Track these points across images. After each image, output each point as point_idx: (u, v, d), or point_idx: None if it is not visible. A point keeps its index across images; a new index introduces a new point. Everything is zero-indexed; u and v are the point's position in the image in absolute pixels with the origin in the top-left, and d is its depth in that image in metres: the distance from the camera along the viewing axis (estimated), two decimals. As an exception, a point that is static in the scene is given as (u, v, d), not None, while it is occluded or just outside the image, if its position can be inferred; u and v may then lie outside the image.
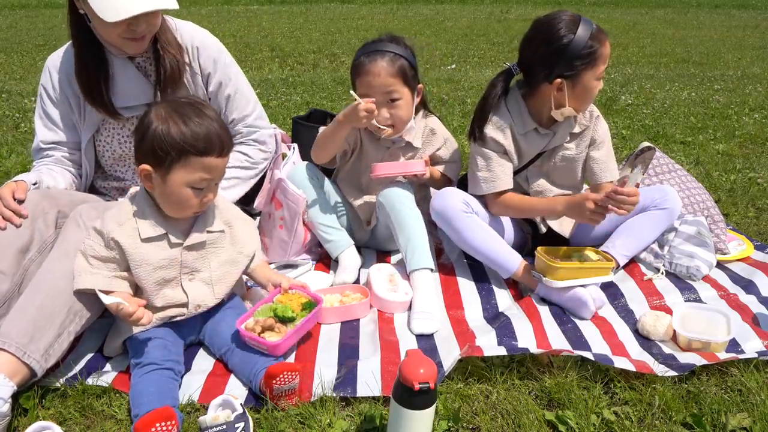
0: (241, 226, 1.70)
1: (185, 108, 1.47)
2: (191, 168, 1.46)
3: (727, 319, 1.78)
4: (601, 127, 2.12)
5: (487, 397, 1.52)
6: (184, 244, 1.56)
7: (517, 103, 2.05)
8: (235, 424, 1.31)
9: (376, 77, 1.97)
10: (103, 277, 1.50)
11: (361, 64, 2.00)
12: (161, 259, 1.54)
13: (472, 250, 2.05)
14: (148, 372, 1.45)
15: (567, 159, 2.11)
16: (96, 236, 1.52)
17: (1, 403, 1.32)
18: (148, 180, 1.49)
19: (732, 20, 13.05)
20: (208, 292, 1.62)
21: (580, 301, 1.86)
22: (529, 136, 2.05)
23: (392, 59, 1.98)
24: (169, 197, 1.50)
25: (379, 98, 1.99)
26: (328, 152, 2.11)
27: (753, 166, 3.45)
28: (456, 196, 2.03)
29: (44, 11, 12.39)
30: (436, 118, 2.23)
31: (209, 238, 1.61)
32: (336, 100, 5.02)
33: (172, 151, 1.43)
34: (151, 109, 1.48)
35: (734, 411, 1.46)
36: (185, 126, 1.44)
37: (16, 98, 4.82)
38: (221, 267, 1.64)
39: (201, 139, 1.44)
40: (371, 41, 2.07)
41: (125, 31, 1.70)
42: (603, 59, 1.92)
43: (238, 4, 14.57)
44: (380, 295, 1.91)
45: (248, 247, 1.70)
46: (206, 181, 1.49)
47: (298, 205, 2.08)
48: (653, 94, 5.55)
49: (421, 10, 14.00)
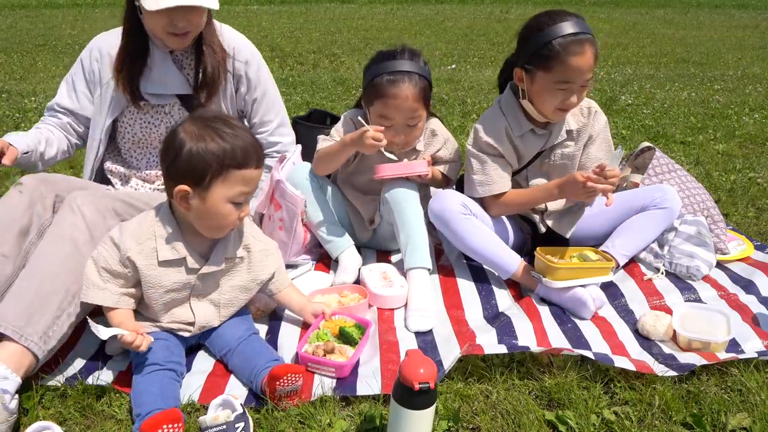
0: (260, 252, 1.66)
1: (216, 122, 1.43)
2: (231, 182, 1.42)
3: (727, 319, 1.78)
4: (598, 122, 2.09)
5: (487, 397, 1.52)
6: (201, 271, 1.54)
7: (512, 104, 2.04)
8: (235, 424, 1.31)
9: (403, 102, 1.95)
10: (112, 294, 1.48)
11: (385, 86, 1.94)
12: (174, 282, 1.52)
13: (471, 252, 2.05)
14: (150, 372, 1.45)
15: (566, 156, 2.10)
16: (112, 248, 1.48)
17: (8, 399, 1.31)
18: (185, 201, 1.44)
19: (732, 20, 13.05)
20: (214, 314, 1.61)
21: (579, 301, 1.86)
22: (526, 137, 2.05)
23: (417, 82, 1.96)
24: (209, 216, 1.46)
25: (400, 121, 1.99)
26: (330, 168, 2.15)
27: (753, 166, 3.45)
28: (454, 198, 2.03)
29: (44, 11, 12.38)
30: (436, 119, 2.23)
31: (227, 265, 1.58)
32: (336, 100, 5.02)
33: (212, 167, 1.39)
34: (179, 129, 1.42)
35: (734, 411, 1.46)
36: (222, 140, 1.40)
37: (16, 98, 4.82)
38: (232, 291, 1.62)
39: (239, 152, 1.41)
40: (388, 56, 2.00)
41: (168, 24, 1.78)
42: (563, 70, 1.82)
43: (238, 4, 14.56)
44: (375, 292, 1.92)
45: (263, 274, 1.67)
46: (245, 195, 1.47)
47: (296, 206, 2.08)
48: (653, 94, 5.55)
49: (421, 10, 14.00)
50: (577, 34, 1.81)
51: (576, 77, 1.84)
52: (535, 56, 1.86)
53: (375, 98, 1.99)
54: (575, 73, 1.83)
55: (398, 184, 2.05)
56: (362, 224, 2.26)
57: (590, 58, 1.83)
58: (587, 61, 1.83)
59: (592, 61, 1.84)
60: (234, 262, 1.60)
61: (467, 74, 6.45)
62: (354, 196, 2.24)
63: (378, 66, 1.99)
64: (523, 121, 2.03)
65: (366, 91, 2.04)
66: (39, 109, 4.43)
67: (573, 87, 1.86)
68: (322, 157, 2.11)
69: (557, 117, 1.97)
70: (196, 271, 1.53)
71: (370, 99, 2.01)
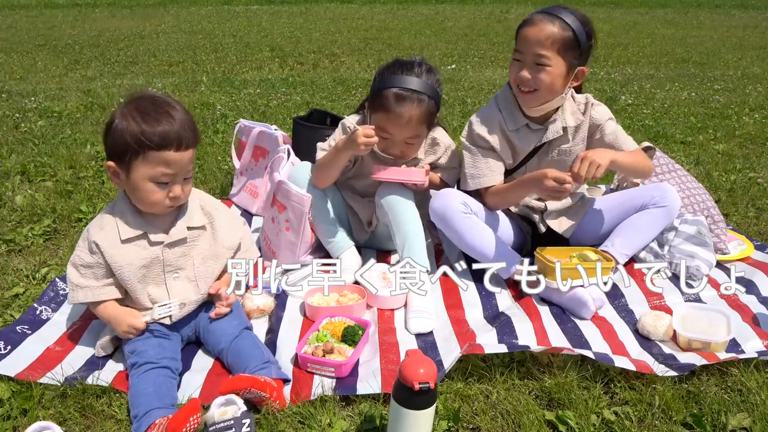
0: (223, 219, 1.71)
1: (146, 105, 1.49)
2: (151, 163, 1.48)
3: (727, 319, 1.78)
4: (598, 112, 2.06)
5: (487, 397, 1.52)
6: (165, 242, 1.58)
7: (508, 99, 2.05)
8: (242, 419, 1.31)
9: (406, 122, 1.95)
10: (93, 289, 1.55)
11: (391, 100, 1.93)
12: (142, 258, 1.56)
13: (471, 251, 2.05)
14: (145, 372, 1.46)
15: (563, 152, 2.08)
16: (82, 241, 1.57)
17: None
18: (116, 177, 1.53)
19: (732, 20, 13.05)
20: (192, 289, 1.63)
21: (580, 301, 1.86)
22: (521, 132, 2.04)
23: (424, 104, 1.95)
24: (135, 193, 1.54)
25: (398, 138, 2.00)
26: (329, 177, 2.12)
27: (753, 166, 3.45)
28: (455, 196, 2.02)
29: (44, 11, 12.37)
30: (440, 128, 2.21)
31: (190, 234, 1.62)
32: (336, 100, 5.01)
33: (131, 147, 1.46)
34: (116, 108, 1.52)
35: (734, 411, 1.46)
36: (143, 122, 1.46)
37: (16, 98, 4.82)
38: (204, 263, 1.65)
39: (158, 134, 1.46)
40: (403, 68, 1.97)
41: None
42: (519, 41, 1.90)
43: (238, 4, 14.56)
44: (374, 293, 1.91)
45: (230, 239, 1.71)
46: (168, 176, 1.50)
47: (304, 205, 2.07)
48: (653, 94, 5.55)
49: (421, 10, 13.99)
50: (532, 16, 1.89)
51: (526, 51, 1.89)
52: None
53: (379, 109, 1.98)
54: (526, 45, 1.88)
55: (392, 189, 2.05)
56: (360, 226, 2.26)
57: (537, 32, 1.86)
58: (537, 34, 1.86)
59: (539, 35, 1.85)
60: (197, 231, 1.64)
61: (467, 74, 6.45)
62: (352, 198, 2.24)
63: (390, 77, 1.97)
64: (519, 116, 2.03)
65: (372, 97, 2.03)
66: (39, 109, 4.43)
67: (520, 66, 1.91)
68: (320, 167, 2.11)
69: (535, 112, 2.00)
70: (161, 244, 1.57)
71: (374, 107, 2.01)
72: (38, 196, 2.74)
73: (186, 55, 7.24)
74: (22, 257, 2.22)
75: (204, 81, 5.72)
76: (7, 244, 2.28)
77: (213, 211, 1.69)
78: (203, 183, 3.00)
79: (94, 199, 2.73)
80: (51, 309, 1.85)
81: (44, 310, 1.84)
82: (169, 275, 1.60)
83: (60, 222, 2.49)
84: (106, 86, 5.36)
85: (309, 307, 1.87)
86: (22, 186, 2.90)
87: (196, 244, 1.64)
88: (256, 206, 2.66)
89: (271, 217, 2.19)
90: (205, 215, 1.67)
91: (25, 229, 2.38)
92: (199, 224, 1.64)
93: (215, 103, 4.77)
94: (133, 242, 1.56)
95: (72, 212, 2.57)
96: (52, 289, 1.94)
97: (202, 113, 4.45)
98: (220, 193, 2.89)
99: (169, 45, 8.04)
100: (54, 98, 4.83)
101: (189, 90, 5.30)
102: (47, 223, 2.44)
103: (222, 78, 5.94)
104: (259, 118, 4.27)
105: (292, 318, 1.87)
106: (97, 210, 2.58)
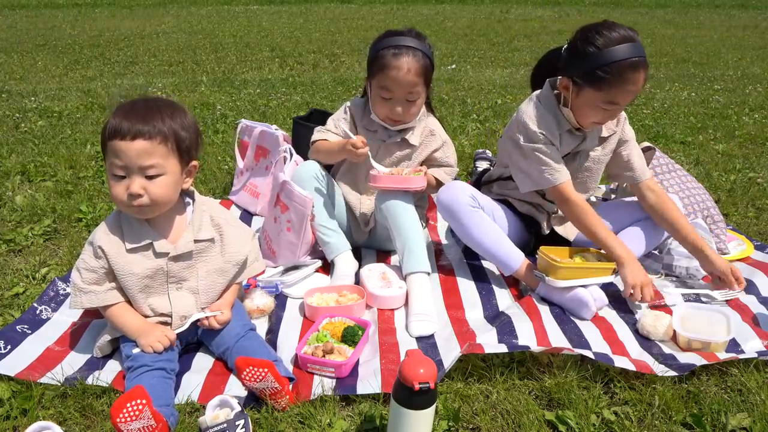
0: (233, 233, 1.65)
1: (132, 103, 1.48)
2: (108, 155, 1.45)
3: (727, 319, 1.78)
4: (628, 128, 2.11)
5: (487, 397, 1.52)
6: (170, 255, 1.54)
7: (551, 104, 1.99)
8: (236, 421, 1.31)
9: (404, 74, 1.96)
10: (97, 294, 1.53)
11: (388, 57, 1.97)
12: (146, 268, 1.53)
13: (476, 245, 2.04)
14: (140, 374, 1.45)
15: (593, 160, 2.08)
16: (88, 246, 1.55)
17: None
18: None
19: (732, 20, 13.05)
20: (192, 303, 1.60)
21: (581, 301, 1.86)
22: (563, 136, 2.01)
23: (419, 58, 1.98)
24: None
25: (399, 95, 2.00)
26: (325, 161, 2.19)
27: (753, 166, 3.45)
28: (464, 189, 2.02)
29: (44, 11, 12.38)
30: (435, 119, 2.22)
31: (197, 247, 1.58)
32: (336, 100, 5.01)
33: (102, 141, 1.46)
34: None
35: (734, 411, 1.46)
36: (113, 116, 1.43)
37: (16, 98, 4.82)
38: (208, 276, 1.61)
39: (112, 124, 1.42)
40: (395, 33, 2.02)
41: None
42: (614, 93, 1.81)
43: (238, 4, 14.56)
44: (374, 293, 1.91)
45: (237, 255, 1.65)
46: (120, 169, 1.43)
47: (306, 207, 2.07)
48: (653, 94, 5.55)
49: (421, 10, 14.00)
50: (635, 60, 1.77)
51: (625, 100, 1.85)
52: (589, 74, 1.82)
53: (377, 70, 2.00)
54: (626, 96, 1.83)
55: (392, 193, 2.04)
56: (358, 226, 2.26)
57: (641, 83, 1.82)
58: (638, 87, 1.82)
59: (641, 86, 1.83)
60: (205, 244, 1.60)
61: (467, 74, 6.45)
62: (350, 196, 2.24)
63: (383, 40, 2.03)
64: (562, 121, 1.99)
65: (370, 65, 2.06)
66: (39, 109, 4.44)
67: (619, 108, 1.88)
68: (319, 148, 2.15)
69: (591, 127, 1.99)
70: (166, 256, 1.54)
71: (373, 72, 2.03)
72: (38, 196, 2.74)
73: (186, 55, 7.24)
74: (22, 257, 2.22)
75: (204, 81, 5.72)
76: (7, 244, 2.29)
77: (223, 224, 1.64)
78: (203, 183, 3.00)
79: (94, 199, 2.73)
80: (51, 309, 1.85)
81: (44, 309, 1.84)
82: (172, 286, 1.58)
83: (60, 222, 2.50)
84: (106, 86, 5.36)
85: (309, 308, 1.87)
86: (22, 186, 2.90)
87: (202, 257, 1.60)
88: (256, 206, 2.66)
89: (274, 216, 2.19)
90: (214, 227, 1.62)
91: (25, 229, 2.38)
92: (207, 237, 1.59)
93: (215, 103, 4.77)
94: (138, 252, 1.52)
95: (72, 212, 2.57)
96: (52, 289, 1.94)
97: (202, 113, 4.45)
98: (220, 193, 2.89)
99: (169, 45, 8.05)
100: (54, 98, 4.83)
101: (189, 90, 5.31)
102: (47, 223, 2.45)
103: (222, 78, 5.94)
104: (259, 118, 4.27)
105: (291, 318, 1.87)
106: (97, 210, 2.58)
